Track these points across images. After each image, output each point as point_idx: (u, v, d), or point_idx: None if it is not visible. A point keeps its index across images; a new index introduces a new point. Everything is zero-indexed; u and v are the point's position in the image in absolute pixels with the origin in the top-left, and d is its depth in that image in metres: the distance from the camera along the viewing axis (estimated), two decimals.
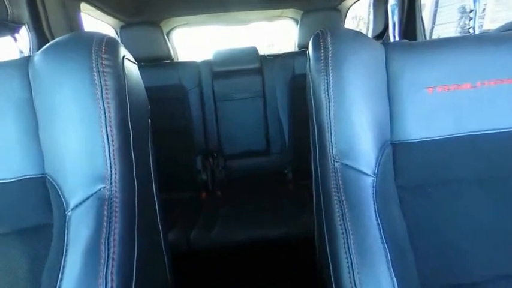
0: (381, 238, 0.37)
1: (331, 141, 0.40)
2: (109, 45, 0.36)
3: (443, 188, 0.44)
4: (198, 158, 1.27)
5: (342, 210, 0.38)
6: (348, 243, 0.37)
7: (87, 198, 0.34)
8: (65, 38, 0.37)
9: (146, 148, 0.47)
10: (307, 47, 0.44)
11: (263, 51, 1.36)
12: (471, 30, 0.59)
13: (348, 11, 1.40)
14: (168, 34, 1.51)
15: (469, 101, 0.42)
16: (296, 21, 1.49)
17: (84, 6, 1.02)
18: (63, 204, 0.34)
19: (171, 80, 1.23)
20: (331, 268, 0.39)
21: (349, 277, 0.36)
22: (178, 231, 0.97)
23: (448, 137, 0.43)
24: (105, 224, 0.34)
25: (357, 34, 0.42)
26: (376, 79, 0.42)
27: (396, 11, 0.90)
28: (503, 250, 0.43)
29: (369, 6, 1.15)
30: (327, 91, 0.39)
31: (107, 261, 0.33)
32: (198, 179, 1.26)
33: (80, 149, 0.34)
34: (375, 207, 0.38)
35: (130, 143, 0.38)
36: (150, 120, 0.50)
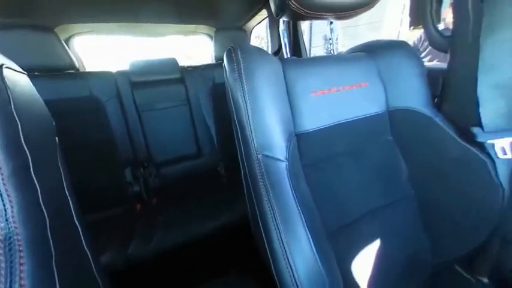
0: (297, 207, 0.41)
1: (252, 138, 0.42)
2: None
3: (330, 162, 0.54)
4: (126, 170, 1.12)
5: (267, 192, 0.41)
6: (274, 216, 0.40)
7: None
8: None
9: (55, 169, 0.39)
10: (223, 60, 0.46)
11: (182, 62, 1.30)
12: (331, 52, 0.72)
13: (251, 31, 1.53)
14: (67, 41, 1.22)
15: (336, 100, 0.54)
16: (210, 37, 1.49)
17: None
18: None
19: (80, 92, 1.03)
20: (265, 239, 0.41)
21: (279, 242, 0.39)
22: (113, 250, 0.84)
23: (327, 126, 0.53)
24: (2, 272, 0.25)
25: (261, 50, 0.46)
26: (279, 86, 0.46)
27: (285, 34, 1.05)
28: (365, 195, 0.56)
29: (266, 28, 1.29)
30: (244, 97, 0.41)
31: None
32: (129, 192, 1.11)
33: None
34: (290, 184, 0.42)
35: (29, 166, 0.30)
36: (57, 138, 0.42)
